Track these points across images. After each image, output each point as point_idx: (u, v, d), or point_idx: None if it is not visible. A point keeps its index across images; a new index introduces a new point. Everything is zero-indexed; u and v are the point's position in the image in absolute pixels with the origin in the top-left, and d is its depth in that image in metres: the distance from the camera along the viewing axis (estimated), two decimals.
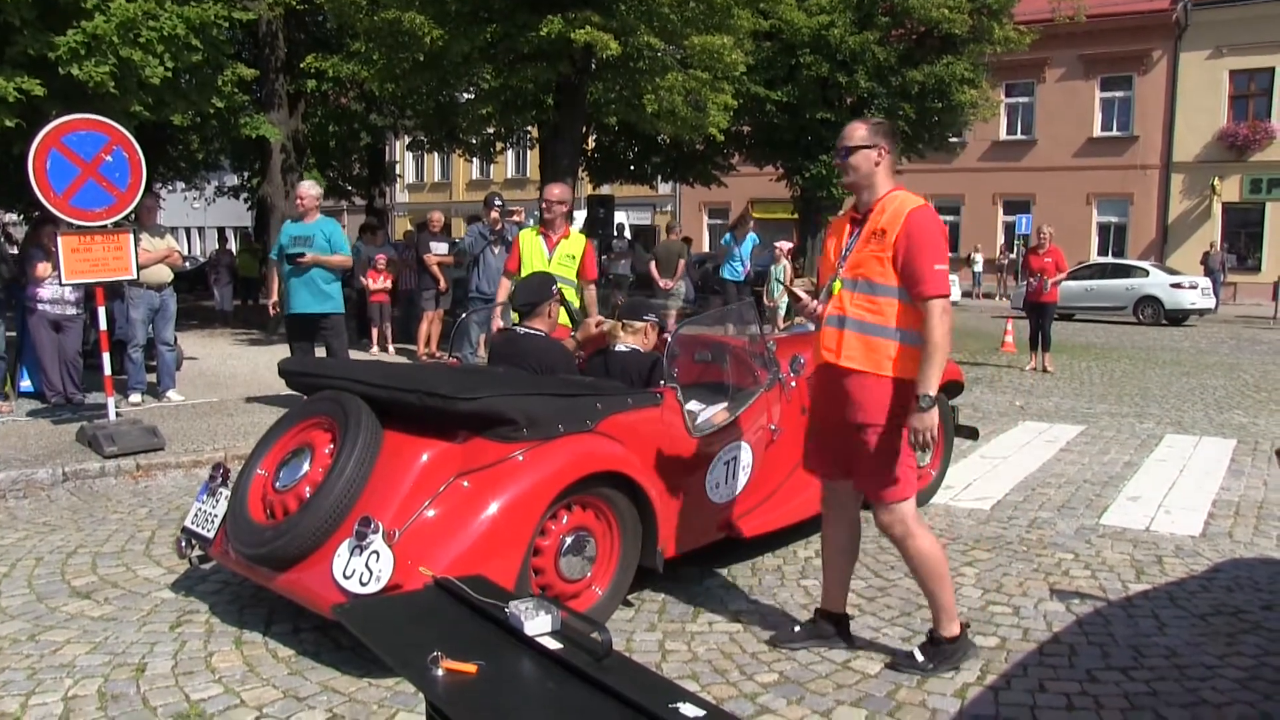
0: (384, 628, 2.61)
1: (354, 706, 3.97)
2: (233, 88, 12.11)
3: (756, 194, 31.75)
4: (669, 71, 14.72)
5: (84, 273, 8.26)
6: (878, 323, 4.03)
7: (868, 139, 4.13)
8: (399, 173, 41.50)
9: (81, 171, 8.11)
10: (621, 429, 4.90)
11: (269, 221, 19.59)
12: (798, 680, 4.20)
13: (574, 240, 7.57)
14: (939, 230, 4.02)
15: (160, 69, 9.32)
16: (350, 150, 26.12)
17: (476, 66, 15.51)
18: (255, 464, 4.91)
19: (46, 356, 9.85)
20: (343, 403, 4.72)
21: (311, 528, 4.35)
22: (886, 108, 20.12)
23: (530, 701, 2.19)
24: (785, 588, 5.33)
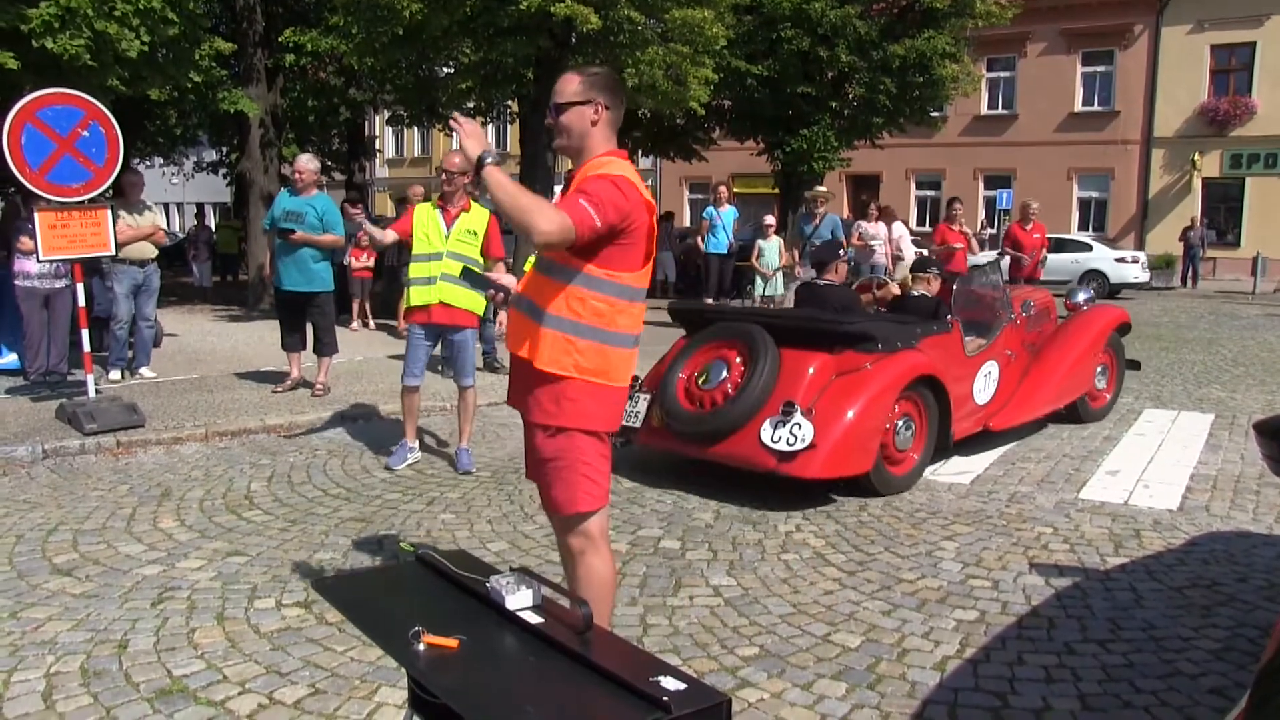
0: (365, 603, 2.62)
1: (336, 681, 3.98)
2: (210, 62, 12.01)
3: (737, 169, 31.70)
4: (649, 45, 14.66)
5: (62, 249, 8.20)
6: (532, 301, 3.53)
7: (581, 93, 3.49)
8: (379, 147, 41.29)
9: (58, 147, 8.04)
10: (930, 348, 7.10)
11: (248, 197, 19.46)
12: (778, 654, 4.23)
13: (475, 215, 7.12)
14: (607, 182, 3.35)
15: (136, 42, 9.22)
16: (330, 125, 25.94)
17: (456, 40, 15.41)
18: (676, 371, 6.94)
19: (34, 332, 9.80)
20: (749, 330, 6.75)
21: (741, 411, 6.38)
22: (868, 82, 20.10)
23: (512, 675, 2.21)
24: (765, 562, 5.36)
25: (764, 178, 26.20)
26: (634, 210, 3.39)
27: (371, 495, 6.59)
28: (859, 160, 24.45)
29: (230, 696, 3.87)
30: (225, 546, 5.59)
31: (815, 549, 5.55)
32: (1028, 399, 8.15)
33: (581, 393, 3.45)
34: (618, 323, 3.48)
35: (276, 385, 9.83)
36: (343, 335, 10.21)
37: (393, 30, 14.48)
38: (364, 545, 5.62)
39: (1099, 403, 9.04)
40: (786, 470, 6.22)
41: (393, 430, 8.24)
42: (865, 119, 20.98)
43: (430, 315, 6.97)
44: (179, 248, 27.75)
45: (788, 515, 6.15)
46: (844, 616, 4.62)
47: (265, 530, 5.88)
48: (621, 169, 3.46)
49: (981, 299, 8.27)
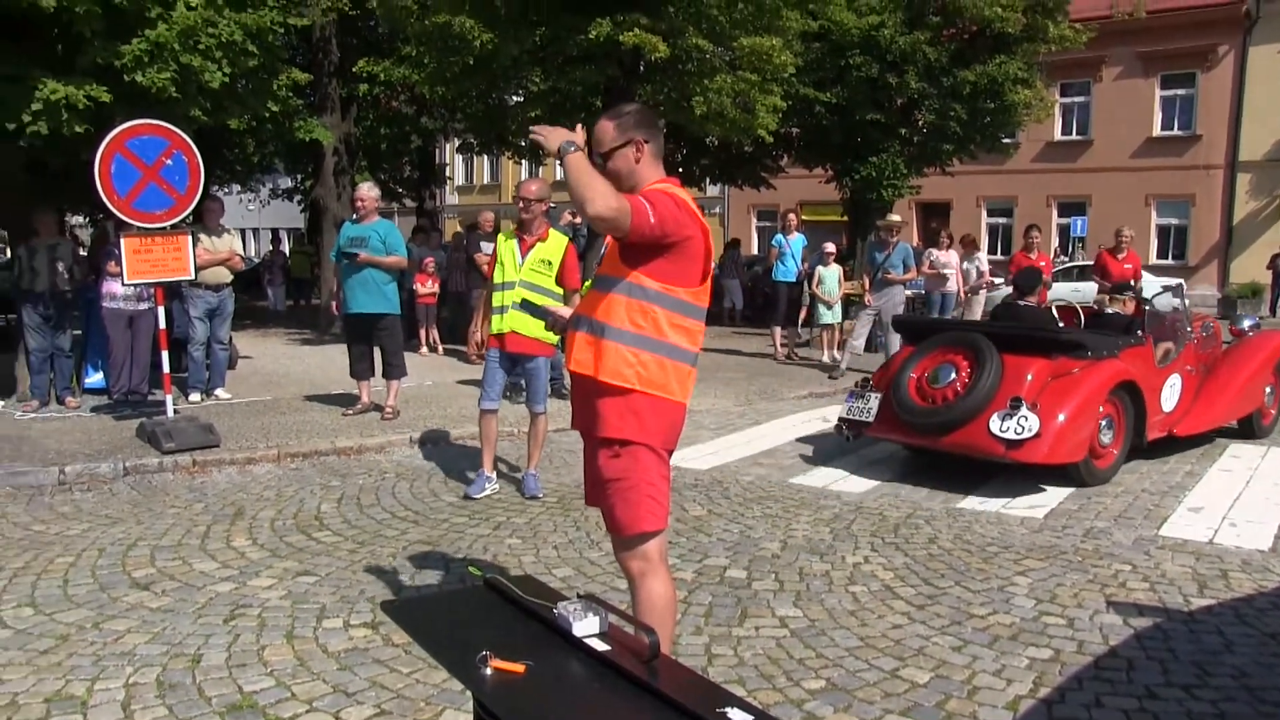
0: (433, 626, 2.64)
1: (402, 703, 4.02)
2: (287, 92, 12.22)
3: (805, 196, 31.53)
4: (717, 73, 14.68)
5: (145, 273, 8.44)
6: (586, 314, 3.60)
7: (619, 137, 3.58)
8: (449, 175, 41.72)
9: (143, 175, 8.29)
10: (1129, 358, 8.15)
11: (321, 223, 19.79)
12: (845, 688, 4.18)
13: (551, 244, 7.05)
14: (660, 192, 3.45)
15: (219, 74, 9.43)
16: (401, 153, 26.30)
17: (525, 69, 15.57)
18: (907, 372, 8.07)
19: (118, 352, 10.07)
20: (974, 338, 7.89)
21: (971, 406, 7.49)
22: (938, 109, 19.94)
23: (578, 702, 2.21)
24: (833, 593, 5.31)
25: (832, 205, 26.04)
26: (687, 222, 3.45)
27: (439, 519, 6.65)
28: (929, 187, 24.28)
29: (298, 714, 3.93)
30: (295, 566, 5.67)
31: (884, 581, 5.49)
32: (1206, 410, 8.98)
33: (644, 405, 3.48)
34: (675, 337, 3.50)
35: (347, 408, 9.96)
36: (411, 360, 10.32)
37: (463, 60, 14.66)
38: (431, 568, 5.66)
39: (1268, 419, 9.79)
40: (1014, 456, 7.34)
41: (461, 455, 8.32)
42: (935, 146, 20.81)
43: (504, 343, 7.03)
44: (254, 272, 28.26)
45: (855, 547, 6.10)
46: (913, 651, 4.56)
47: (334, 551, 5.95)
48: (674, 189, 3.54)
49: (1167, 319, 9.18)
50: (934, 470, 8.07)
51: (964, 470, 7.96)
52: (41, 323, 9.88)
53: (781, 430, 9.83)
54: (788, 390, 12.09)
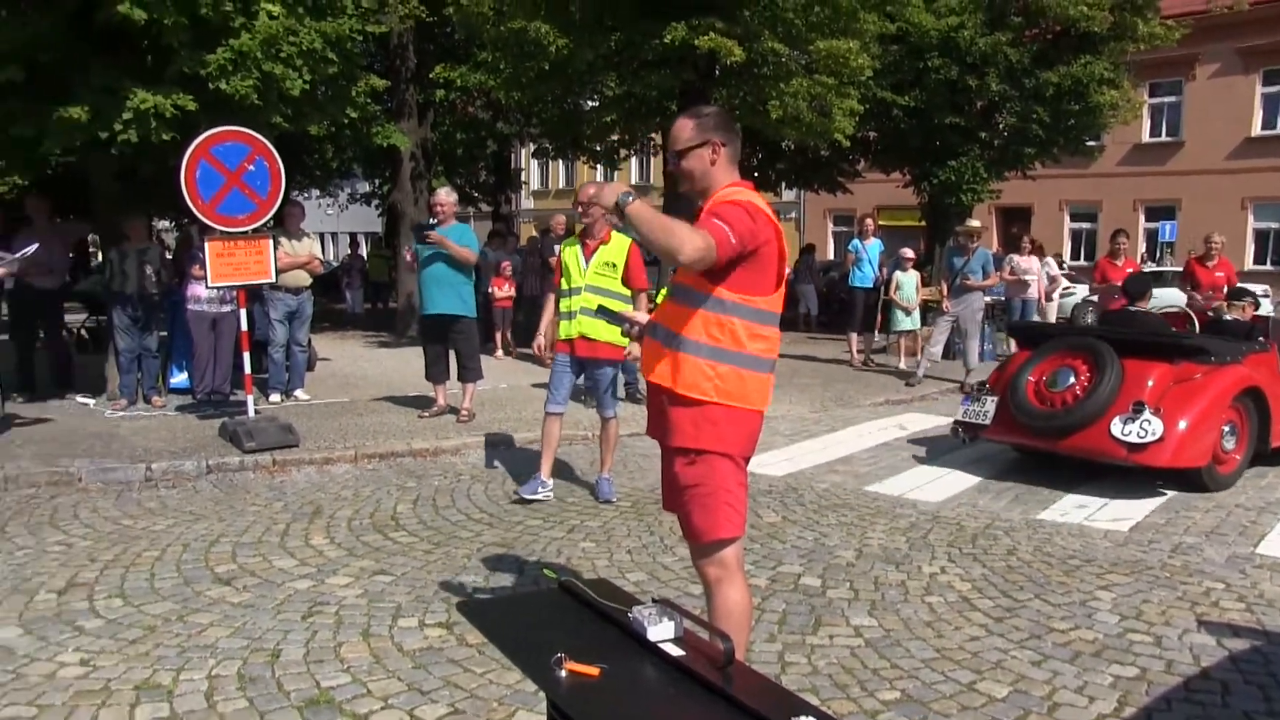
0: (508, 628, 2.65)
1: (475, 702, 4.04)
2: (365, 98, 12.38)
3: (882, 201, 31.16)
4: (794, 77, 14.59)
5: (227, 276, 8.62)
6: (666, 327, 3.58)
7: (695, 137, 3.58)
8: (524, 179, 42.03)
9: (227, 180, 8.46)
10: (1253, 364, 8.17)
11: (399, 227, 20.02)
12: (920, 699, 4.13)
13: (614, 246, 7.03)
14: (735, 205, 3.42)
15: (299, 82, 9.58)
16: (477, 157, 26.53)
17: (600, 74, 15.62)
18: (1024, 376, 8.15)
19: (201, 353, 10.29)
20: (1094, 344, 7.96)
21: (1092, 410, 7.57)
22: (1019, 111, 19.60)
23: (652, 707, 2.20)
24: (909, 603, 5.26)
25: (910, 210, 25.77)
26: (762, 231, 3.44)
27: (513, 521, 6.69)
28: (1009, 192, 23.84)
29: (374, 711, 3.98)
30: (372, 565, 5.74)
31: (961, 593, 5.42)
32: None
33: (720, 416, 3.48)
34: (753, 346, 3.50)
35: (423, 410, 10.06)
36: (487, 363, 10.40)
37: (539, 65, 14.76)
38: (505, 570, 5.70)
39: None
40: (1136, 459, 7.42)
41: (535, 458, 8.34)
42: (1016, 149, 20.45)
43: (573, 348, 7.06)
44: (333, 276, 28.68)
45: (932, 557, 6.02)
46: (990, 664, 4.48)
47: (410, 551, 6.02)
48: (747, 195, 3.53)
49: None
50: (1013, 481, 7.96)
51: (1045, 482, 7.86)
52: (130, 324, 10.13)
53: (857, 437, 9.75)
54: (864, 397, 11.99)
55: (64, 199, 16.79)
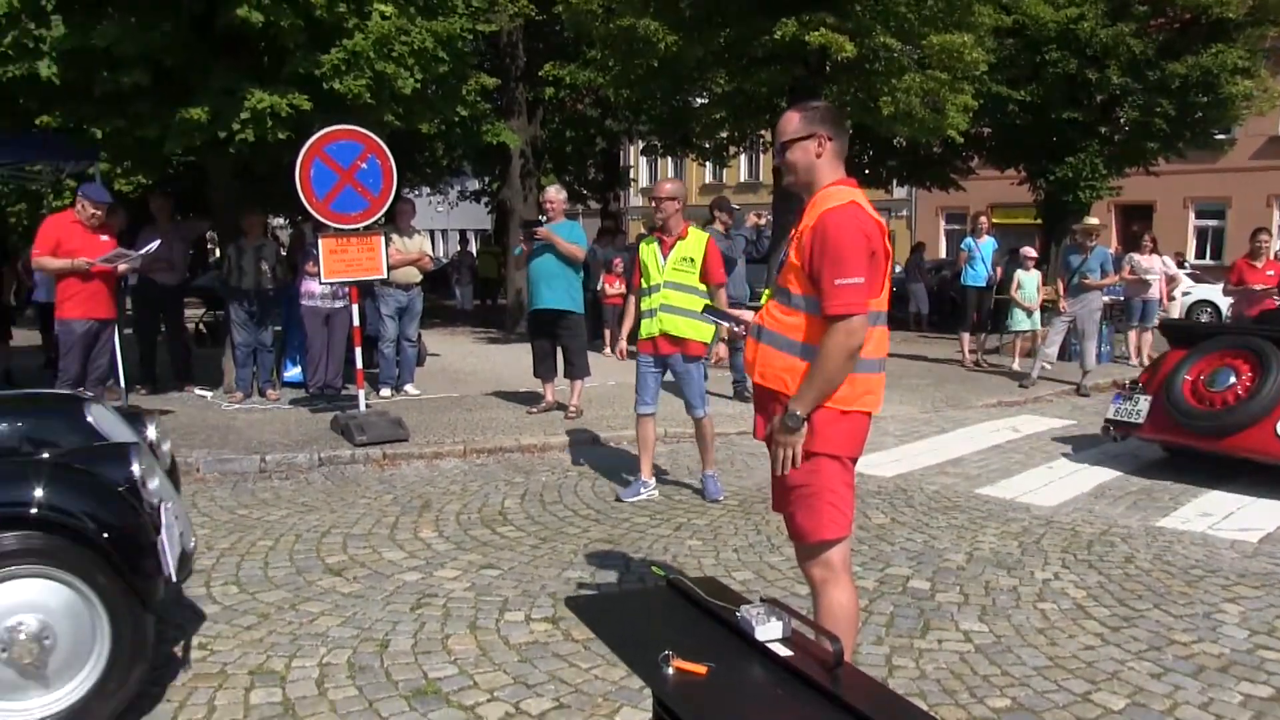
0: (615, 623, 2.65)
1: (580, 697, 4.05)
2: (476, 96, 12.54)
3: (996, 198, 30.50)
4: (906, 72, 14.38)
5: (341, 272, 8.78)
6: (778, 332, 3.56)
7: (802, 129, 3.55)
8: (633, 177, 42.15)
9: (340, 178, 8.63)
10: None
11: (508, 224, 20.23)
12: (1032, 708, 4.03)
13: (692, 241, 6.90)
14: (854, 236, 3.37)
15: (411, 81, 9.74)
16: (586, 155, 26.68)
17: (710, 71, 15.58)
18: (1181, 375, 8.05)
19: (314, 348, 10.52)
20: (1257, 343, 7.85)
21: (1255, 410, 7.48)
22: (1142, 104, 18.91)
23: (760, 706, 2.18)
24: (1021, 609, 5.13)
25: (1024, 208, 25.18)
26: (873, 239, 3.41)
27: (620, 518, 6.70)
28: (1130, 188, 23.13)
29: (479, 703, 4.01)
30: (479, 559, 5.79)
31: (1075, 600, 5.27)
32: None
33: (828, 418, 3.44)
34: (865, 349, 3.46)
35: (532, 407, 10.14)
36: (596, 361, 10.44)
37: (648, 62, 14.77)
38: (611, 566, 5.70)
39: None
40: None
41: None
42: (1138, 144, 19.76)
43: (656, 347, 6.99)
44: (443, 272, 29.09)
45: (1045, 562, 5.87)
46: (1106, 675, 4.34)
47: (517, 546, 6.06)
48: (851, 196, 3.48)
49: None
50: (1131, 487, 7.73)
51: (1164, 489, 7.63)
52: (246, 319, 10.40)
53: (969, 439, 9.56)
54: (975, 398, 11.76)
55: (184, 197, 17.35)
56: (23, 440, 4.17)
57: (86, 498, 3.64)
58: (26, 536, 3.50)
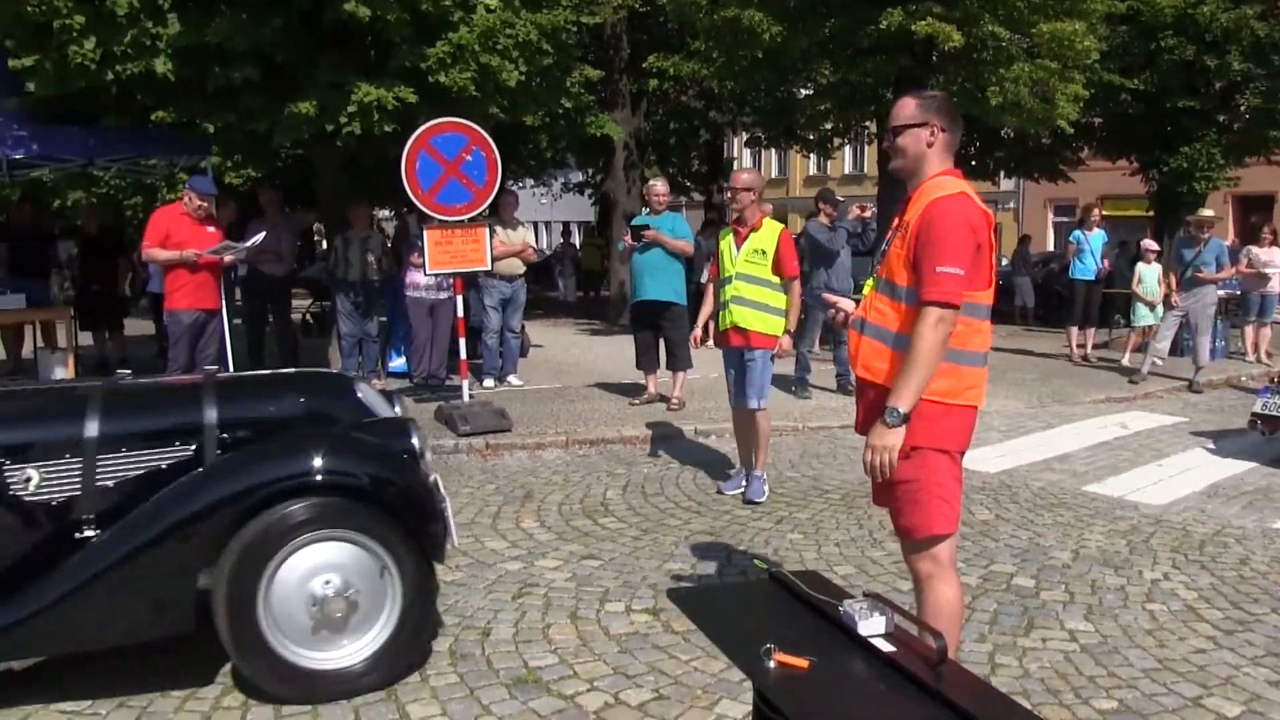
0: (718, 616, 2.66)
1: (679, 689, 4.07)
2: (580, 88, 12.63)
3: (1106, 189, 29.75)
4: (1015, 62, 14.10)
5: (445, 263, 8.91)
6: (880, 325, 3.54)
7: (917, 115, 3.53)
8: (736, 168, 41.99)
9: (445, 170, 8.75)
10: None
11: (611, 216, 20.33)
12: (1140, 711, 3.94)
13: (765, 233, 6.73)
14: (960, 226, 3.36)
15: (515, 73, 9.85)
16: (690, 147, 26.66)
17: (815, 61, 15.47)
18: None
19: (419, 339, 10.69)
20: None
21: None
22: (1264, 91, 18.25)
23: (862, 702, 2.18)
24: (1129, 609, 5.02)
25: (1135, 199, 24.52)
26: (979, 231, 3.40)
27: (721, 510, 6.70)
28: (1249, 179, 22.34)
29: (579, 692, 4.05)
30: (580, 549, 5.84)
31: (1186, 601, 5.14)
32: None
33: (934, 412, 3.41)
34: (971, 342, 3.44)
35: (634, 398, 10.18)
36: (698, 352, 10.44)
37: (752, 53, 14.72)
38: (712, 559, 5.71)
39: None
40: None
41: None
42: (1259, 133, 19.05)
43: (728, 339, 6.90)
44: (546, 264, 29.32)
45: (1154, 562, 5.74)
46: (1219, 680, 4.23)
47: (618, 537, 6.10)
48: (960, 187, 3.47)
49: None
50: (1245, 487, 7.50)
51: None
52: (352, 310, 10.61)
53: (1076, 435, 9.37)
54: (1083, 393, 11.51)
55: (293, 190, 17.74)
56: (304, 415, 4.45)
57: (380, 467, 4.09)
58: (324, 504, 3.93)
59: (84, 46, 8.74)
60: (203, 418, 4.19)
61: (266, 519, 3.83)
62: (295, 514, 3.86)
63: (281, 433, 4.23)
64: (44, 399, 4.56)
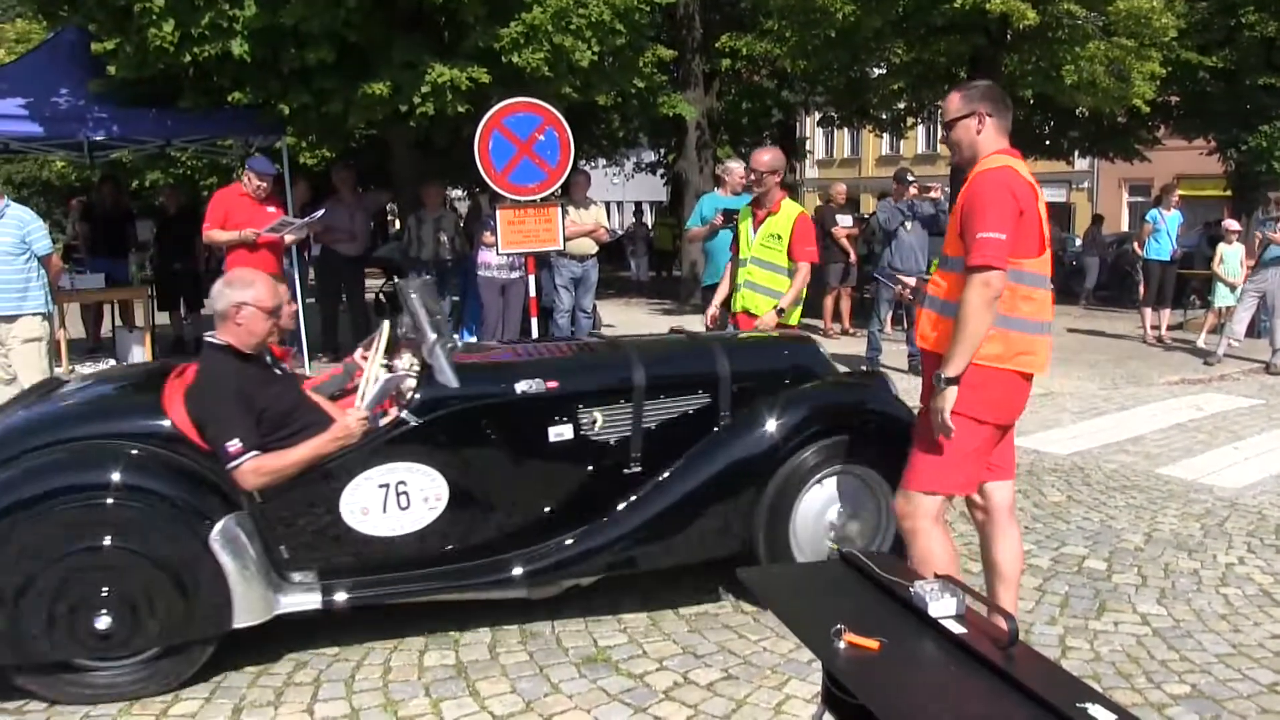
0: (788, 596, 2.69)
1: (748, 669, 4.12)
2: (652, 68, 12.66)
3: (1181, 169, 29.12)
4: (1090, 40, 13.89)
5: (517, 243, 8.96)
6: (934, 295, 3.76)
7: (962, 108, 3.74)
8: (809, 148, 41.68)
9: (518, 150, 8.79)
10: None
11: (684, 196, 20.32)
12: (1214, 696, 3.92)
13: (782, 217, 6.44)
14: (1000, 192, 3.51)
15: (588, 53, 9.89)
16: (762, 127, 26.49)
17: (888, 41, 15.36)
18: None
19: (491, 318, 10.79)
20: None
21: None
22: None
23: (932, 683, 2.20)
24: (1202, 593, 4.98)
25: (1212, 179, 24.02)
26: (1022, 199, 3.52)
27: None
28: None
29: (648, 671, 4.11)
30: None
31: (1262, 586, 5.08)
32: None
33: (978, 379, 3.56)
34: (1019, 308, 3.54)
35: None
36: None
37: (825, 32, 14.64)
38: None
39: None
40: None
41: None
42: None
43: (739, 322, 6.64)
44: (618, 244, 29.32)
45: (1229, 546, 5.67)
46: None
47: None
48: (1005, 161, 3.60)
49: None
50: None
51: None
52: None
53: (1149, 417, 9.25)
54: (1157, 375, 11.35)
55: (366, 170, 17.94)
56: (790, 370, 5.02)
57: (877, 410, 4.84)
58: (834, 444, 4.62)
59: (163, 29, 8.93)
60: (718, 371, 4.79)
61: (793, 462, 4.53)
62: (809, 458, 4.54)
63: (775, 385, 4.82)
64: (602, 353, 5.09)
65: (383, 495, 4.20)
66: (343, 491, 4.15)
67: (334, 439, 4.08)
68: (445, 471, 4.27)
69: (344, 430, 4.10)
